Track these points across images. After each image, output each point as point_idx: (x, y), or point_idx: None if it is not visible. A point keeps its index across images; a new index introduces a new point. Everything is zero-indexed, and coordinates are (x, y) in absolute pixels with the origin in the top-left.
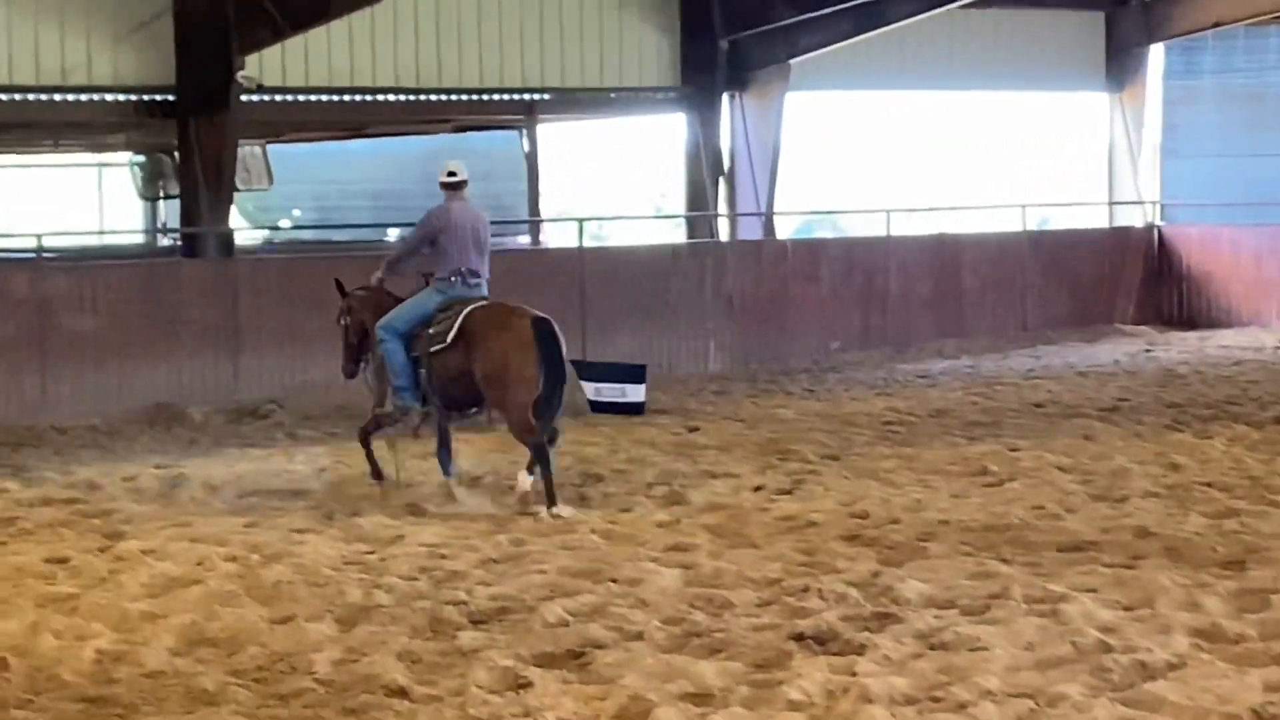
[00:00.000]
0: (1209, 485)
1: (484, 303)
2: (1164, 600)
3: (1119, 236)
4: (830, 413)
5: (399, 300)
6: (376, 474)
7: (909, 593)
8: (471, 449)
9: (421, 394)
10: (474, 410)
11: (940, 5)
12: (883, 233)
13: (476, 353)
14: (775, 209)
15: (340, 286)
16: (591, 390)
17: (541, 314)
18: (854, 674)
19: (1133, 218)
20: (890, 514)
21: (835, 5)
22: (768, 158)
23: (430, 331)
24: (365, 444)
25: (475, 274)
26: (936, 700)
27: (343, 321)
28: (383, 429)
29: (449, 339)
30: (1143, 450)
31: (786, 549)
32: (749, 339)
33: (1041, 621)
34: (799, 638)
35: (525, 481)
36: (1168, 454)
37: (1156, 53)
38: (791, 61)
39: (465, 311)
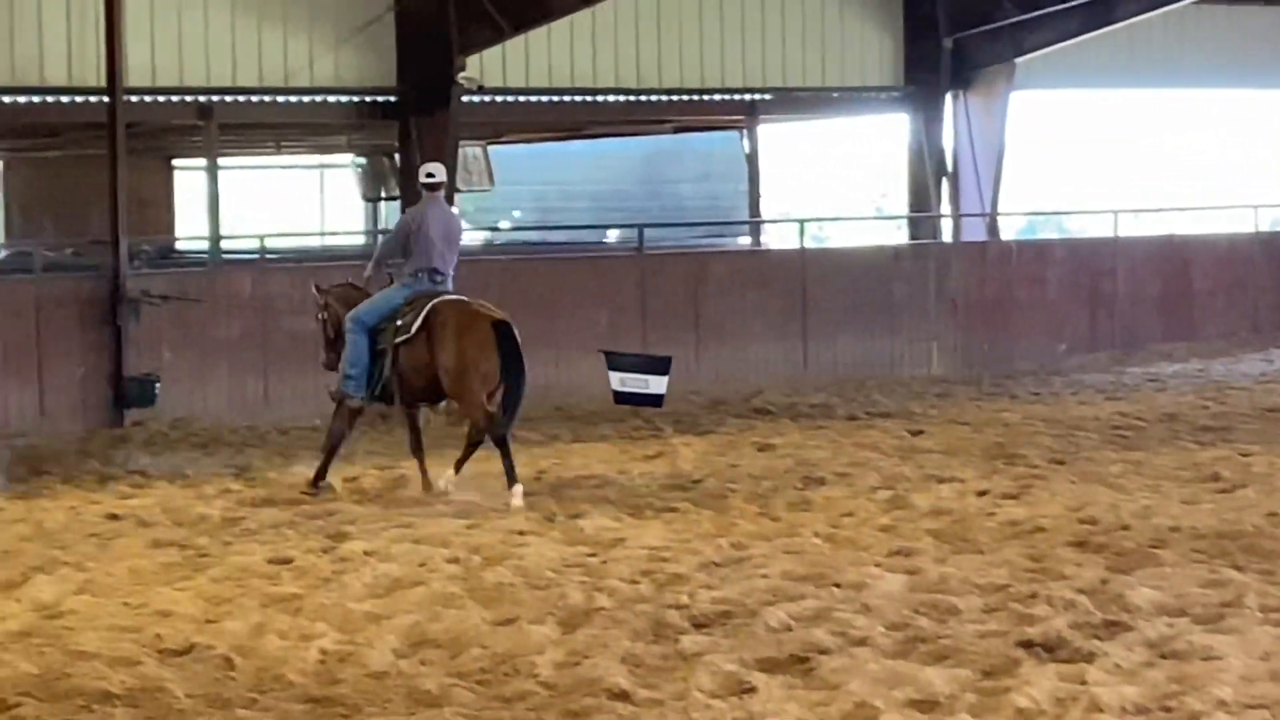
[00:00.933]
0: None
1: (449, 298)
2: None
3: None
4: (1056, 417)
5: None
6: (320, 479)
7: (1139, 600)
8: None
9: (374, 389)
10: (439, 404)
11: (1169, 3)
12: (1110, 234)
13: (438, 346)
14: (999, 210)
15: (318, 287)
16: (616, 380)
17: (502, 316)
18: (1084, 682)
19: None
20: (1119, 520)
21: (1062, 3)
22: (992, 158)
23: (397, 324)
24: (331, 450)
25: (439, 272)
26: (1168, 710)
27: (320, 317)
28: (346, 438)
29: (413, 330)
30: None
31: (1013, 555)
32: (973, 342)
33: (1277, 631)
34: (1027, 645)
35: (448, 479)
36: None
37: None
38: (1017, 60)
39: (429, 305)
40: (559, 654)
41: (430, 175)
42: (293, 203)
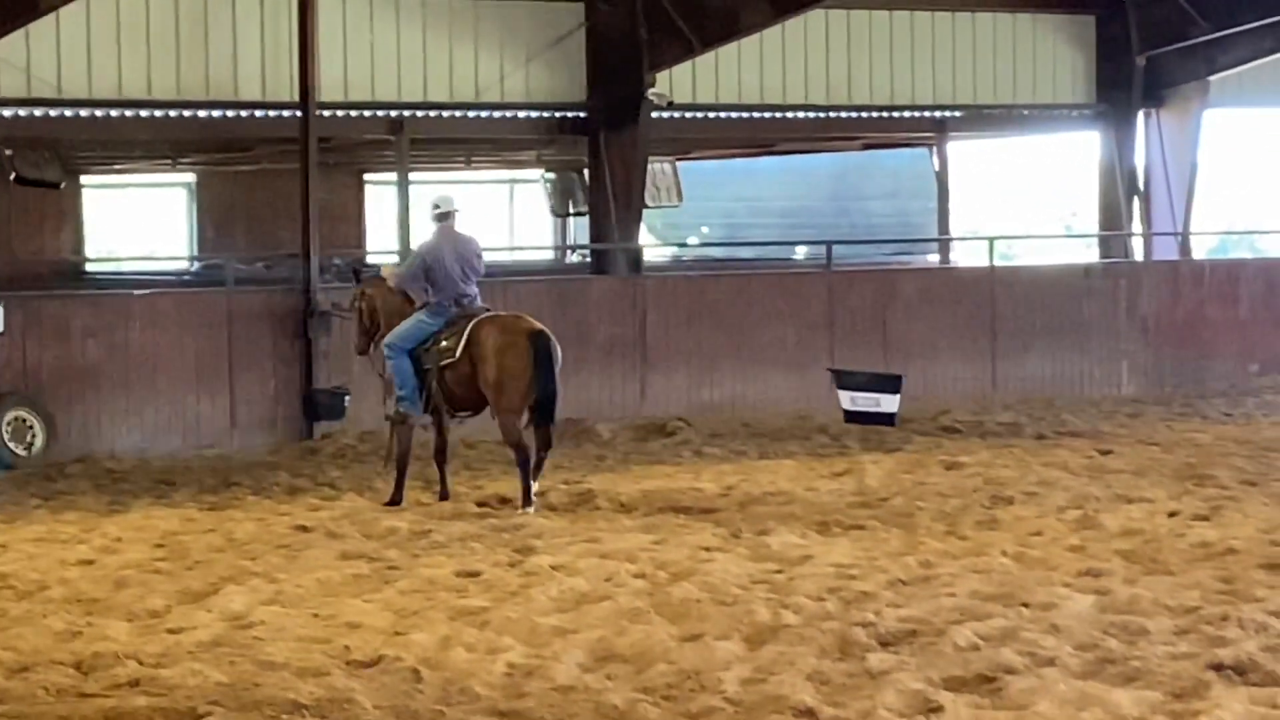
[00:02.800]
0: None
1: (486, 316)
2: None
3: None
4: (1248, 438)
5: (406, 297)
6: (398, 496)
7: None
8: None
9: (426, 403)
10: (469, 414)
11: None
12: None
13: (480, 362)
14: (1191, 229)
15: (356, 275)
16: (846, 399)
17: (540, 327)
18: (1275, 706)
19: None
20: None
21: (1256, 20)
22: (1184, 176)
23: (441, 346)
24: (403, 468)
25: (466, 295)
26: None
27: (357, 305)
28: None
29: (458, 353)
30: None
31: (1204, 576)
32: (1164, 361)
33: None
34: (1218, 668)
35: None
36: None
37: None
38: (1210, 78)
39: (470, 326)
40: (745, 670)
41: (437, 206)
42: (483, 217)
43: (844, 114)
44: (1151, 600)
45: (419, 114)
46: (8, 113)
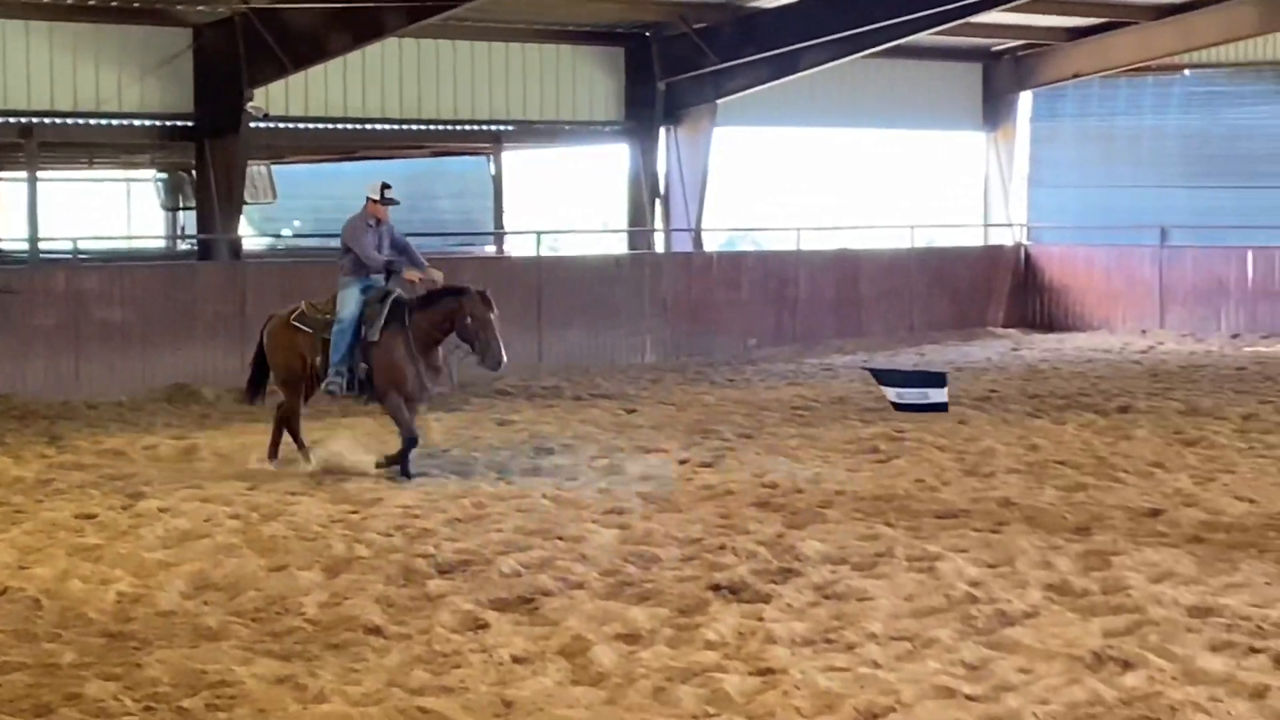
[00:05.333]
0: (1062, 463)
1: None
2: (1022, 560)
3: (992, 254)
4: (747, 399)
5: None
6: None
7: (809, 551)
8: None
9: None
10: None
11: (843, 56)
12: (794, 247)
13: None
14: (703, 226)
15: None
16: (893, 394)
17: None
18: (761, 619)
19: (1004, 238)
20: (795, 485)
21: (755, 55)
22: (697, 182)
23: None
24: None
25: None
26: (830, 642)
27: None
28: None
29: None
30: (1008, 433)
31: (707, 513)
32: (679, 336)
33: (919, 577)
34: (715, 588)
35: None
36: (1029, 437)
37: (1025, 99)
38: (718, 101)
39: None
40: (323, 596)
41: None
42: (104, 212)
43: (415, 126)
44: (664, 533)
45: (47, 121)
46: None
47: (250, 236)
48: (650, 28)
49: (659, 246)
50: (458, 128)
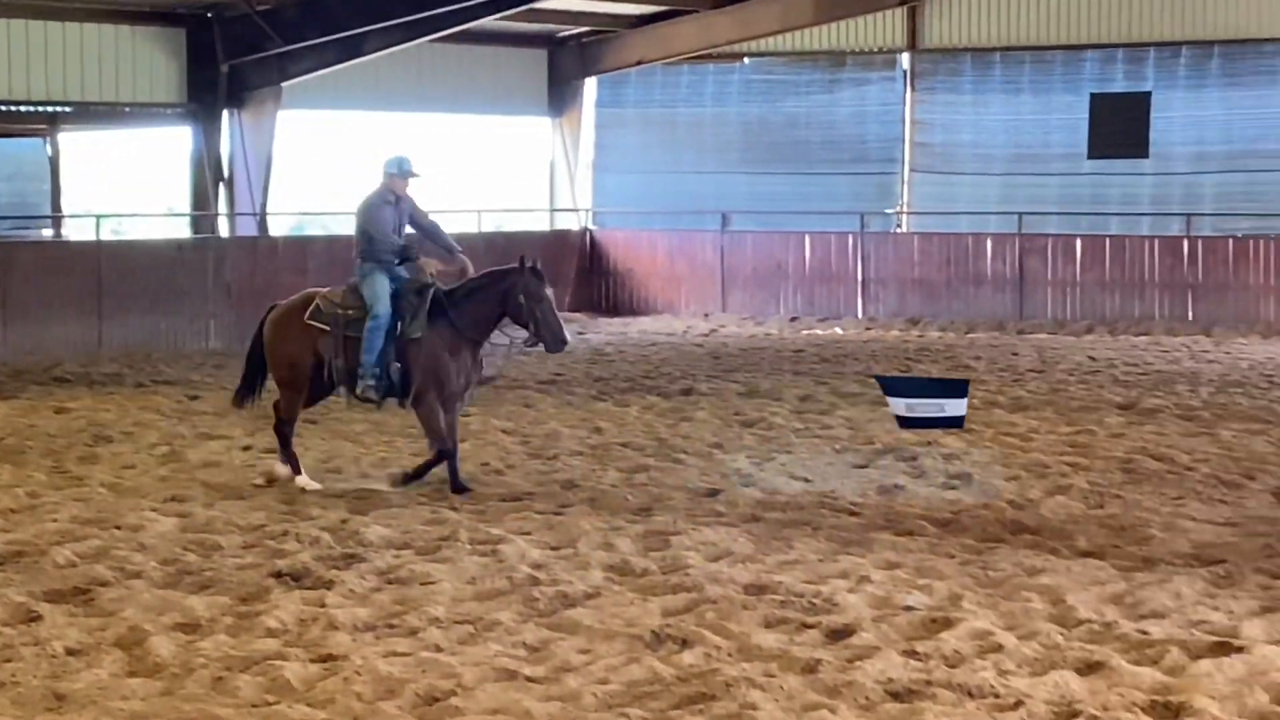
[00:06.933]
0: (625, 445)
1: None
2: (584, 541)
3: (559, 237)
4: None
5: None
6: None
7: (373, 536)
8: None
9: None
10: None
11: (410, 40)
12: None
13: None
14: (269, 210)
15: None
16: (901, 406)
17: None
18: (324, 605)
19: (570, 222)
20: (360, 470)
21: (321, 37)
22: (262, 166)
23: None
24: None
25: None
26: (392, 626)
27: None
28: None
29: None
30: (572, 416)
31: (270, 500)
32: (244, 321)
33: (483, 559)
34: (278, 575)
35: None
36: (593, 419)
37: (590, 85)
38: (284, 85)
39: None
40: None
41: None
42: None
43: None
44: (225, 520)
45: None
46: None
47: None
48: (212, 8)
49: (224, 231)
50: (10, 108)
